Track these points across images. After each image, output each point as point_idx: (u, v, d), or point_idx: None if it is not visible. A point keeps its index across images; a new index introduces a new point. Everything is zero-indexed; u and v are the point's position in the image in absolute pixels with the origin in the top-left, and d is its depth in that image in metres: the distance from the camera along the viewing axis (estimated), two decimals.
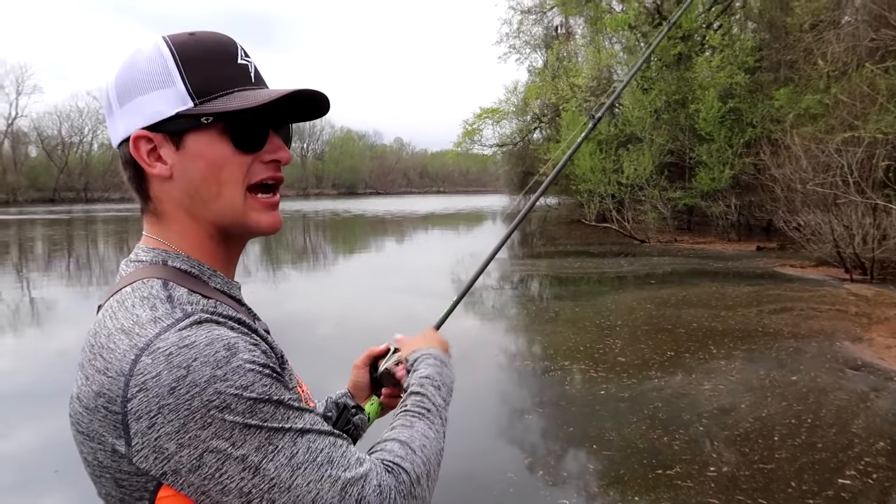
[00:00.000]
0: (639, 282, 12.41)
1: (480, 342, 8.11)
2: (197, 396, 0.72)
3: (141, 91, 0.86)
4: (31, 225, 33.74)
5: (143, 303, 0.81)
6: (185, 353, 0.74)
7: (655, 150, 21.98)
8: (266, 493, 0.75)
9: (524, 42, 36.08)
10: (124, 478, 0.77)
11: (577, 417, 5.37)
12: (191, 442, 0.73)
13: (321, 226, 33.61)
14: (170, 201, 0.89)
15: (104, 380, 0.76)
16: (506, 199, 46.52)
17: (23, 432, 5.30)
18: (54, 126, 78.00)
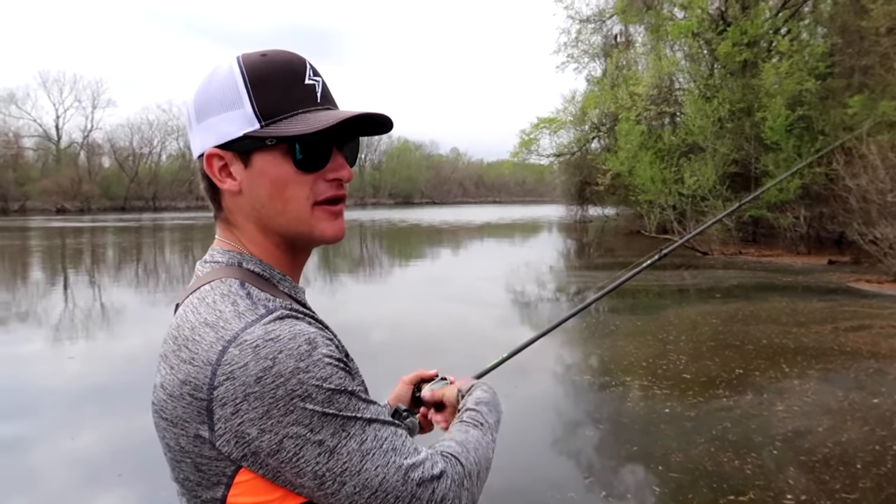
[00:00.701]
0: (703, 295, 11.99)
1: (537, 354, 7.93)
2: (281, 386, 0.78)
3: (214, 112, 0.91)
4: (102, 232, 35.18)
5: (224, 299, 0.86)
6: (271, 345, 0.79)
7: (719, 160, 21.30)
8: (338, 476, 0.81)
9: (582, 51, 35.68)
10: (204, 462, 0.82)
11: (640, 436, 5.15)
12: (273, 427, 0.78)
13: (378, 235, 33.92)
14: (240, 212, 0.95)
15: (190, 369, 0.81)
16: (562, 210, 46.03)
17: (88, 433, 5.42)
18: (126, 138, 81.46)
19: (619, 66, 31.35)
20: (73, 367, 7.55)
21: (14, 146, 73.50)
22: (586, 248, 24.46)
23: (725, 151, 21.61)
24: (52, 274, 17.51)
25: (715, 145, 21.83)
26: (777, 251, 19.75)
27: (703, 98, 23.31)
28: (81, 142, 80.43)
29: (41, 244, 27.56)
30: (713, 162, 21.19)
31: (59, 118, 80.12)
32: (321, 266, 18.37)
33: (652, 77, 26.72)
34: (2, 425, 5.70)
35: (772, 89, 20.79)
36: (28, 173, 72.38)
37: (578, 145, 37.37)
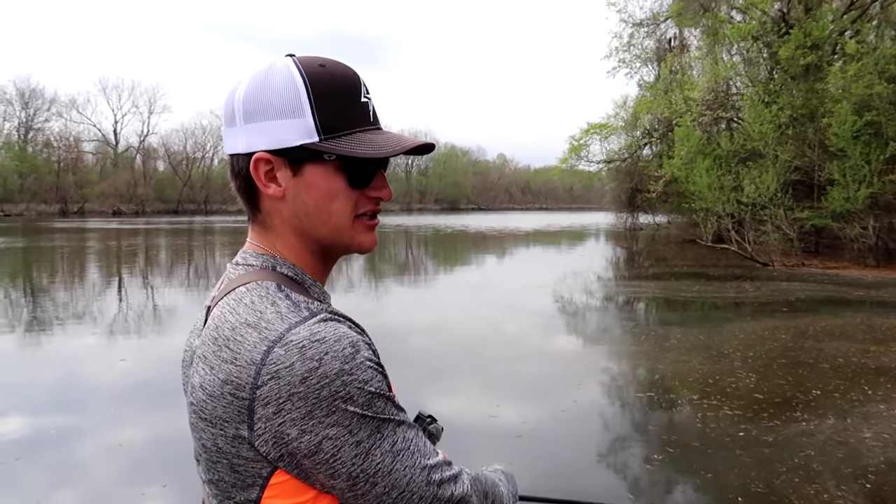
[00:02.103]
0: (767, 309, 11.37)
1: (595, 369, 7.56)
2: (326, 387, 0.79)
3: (270, 116, 0.90)
4: (156, 234, 35.97)
5: (263, 301, 0.86)
6: (317, 346, 0.80)
7: (780, 167, 20.42)
8: (371, 477, 0.82)
9: (634, 56, 35.03)
10: (241, 463, 0.83)
11: (715, 462, 4.75)
12: (314, 428, 0.79)
13: (423, 241, 33.78)
14: (279, 217, 0.94)
15: (232, 368, 0.82)
16: (612, 217, 45.18)
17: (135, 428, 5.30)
18: (180, 142, 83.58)
19: (673, 70, 30.61)
20: (124, 366, 7.50)
21: (75, 150, 76.17)
22: (636, 257, 23.81)
23: (787, 158, 20.73)
24: (108, 275, 17.84)
25: (776, 151, 20.97)
26: (843, 263, 18.82)
27: (762, 103, 22.46)
28: (138, 146, 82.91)
29: (99, 245, 28.28)
30: (774, 169, 20.32)
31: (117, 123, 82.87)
32: (367, 270, 18.37)
33: (708, 81, 25.94)
34: (54, 419, 5.75)
35: (837, 94, 19.88)
36: (87, 176, 74.89)
37: (629, 151, 36.62)
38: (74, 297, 13.35)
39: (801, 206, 20.40)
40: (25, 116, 75.20)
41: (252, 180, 0.93)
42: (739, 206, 20.67)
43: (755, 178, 20.60)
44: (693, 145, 23.48)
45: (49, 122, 76.81)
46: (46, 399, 6.43)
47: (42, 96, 75.95)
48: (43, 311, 11.55)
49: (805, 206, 20.53)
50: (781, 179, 20.27)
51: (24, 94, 74.23)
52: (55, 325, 10.19)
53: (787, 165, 20.67)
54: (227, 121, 0.94)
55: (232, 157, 0.95)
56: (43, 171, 70.45)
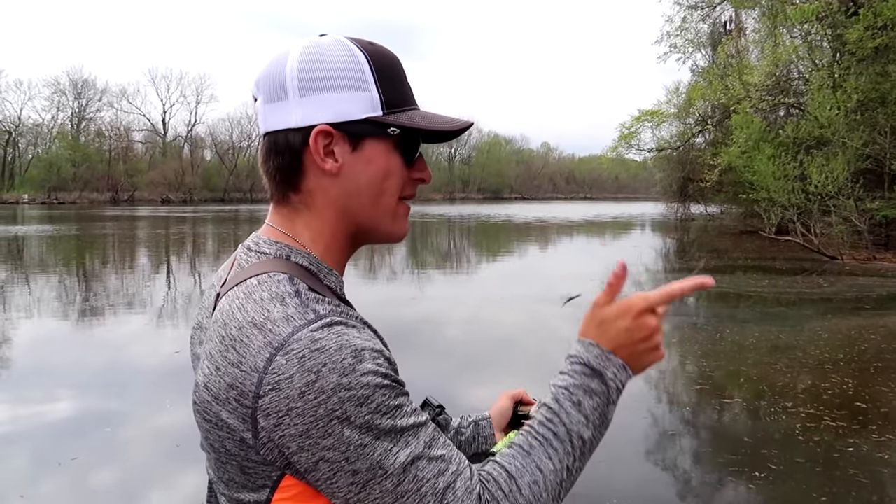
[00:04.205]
0: (849, 306, 10.58)
1: (669, 369, 7.00)
2: (322, 404, 0.74)
3: (332, 88, 0.87)
4: (203, 222, 36.34)
5: (272, 298, 0.81)
6: (316, 357, 0.75)
7: (850, 155, 19.25)
8: (379, 495, 0.76)
9: (687, 41, 33.78)
10: (250, 466, 0.80)
11: (828, 483, 4.18)
12: (310, 448, 0.75)
13: (466, 231, 33.32)
14: (324, 196, 0.90)
15: (237, 373, 0.78)
16: (661, 207, 43.95)
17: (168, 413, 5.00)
18: (226, 132, 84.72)
19: (730, 54, 29.40)
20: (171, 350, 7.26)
21: (125, 139, 77.95)
22: (692, 249, 22.91)
23: (857, 146, 19.55)
24: (157, 262, 17.88)
25: (844, 139, 19.80)
26: None
27: (828, 87, 21.24)
28: (185, 135, 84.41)
29: (150, 232, 28.63)
30: (844, 157, 19.17)
31: (165, 113, 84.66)
32: (409, 258, 18.23)
33: (768, 65, 24.74)
34: (101, 401, 5.84)
35: None
36: (137, 165, 76.59)
37: (682, 139, 35.42)
38: (125, 284, 13.31)
39: (871, 197, 19.26)
40: (78, 107, 77.32)
41: (299, 157, 0.89)
42: (806, 196, 19.59)
43: (822, 166, 19.50)
44: (753, 132, 22.38)
45: (101, 112, 78.90)
46: (96, 381, 6.51)
47: (94, 87, 78.01)
48: (95, 297, 11.50)
49: (875, 196, 19.38)
50: (852, 168, 19.12)
51: (76, 84, 76.26)
52: (106, 310, 10.09)
53: (857, 153, 19.51)
54: (273, 95, 0.89)
55: (273, 134, 0.89)
56: (95, 160, 72.30)
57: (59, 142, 75.01)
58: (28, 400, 5.87)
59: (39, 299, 11.14)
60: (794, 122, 22.14)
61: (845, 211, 18.91)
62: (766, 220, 20.69)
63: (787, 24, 25.55)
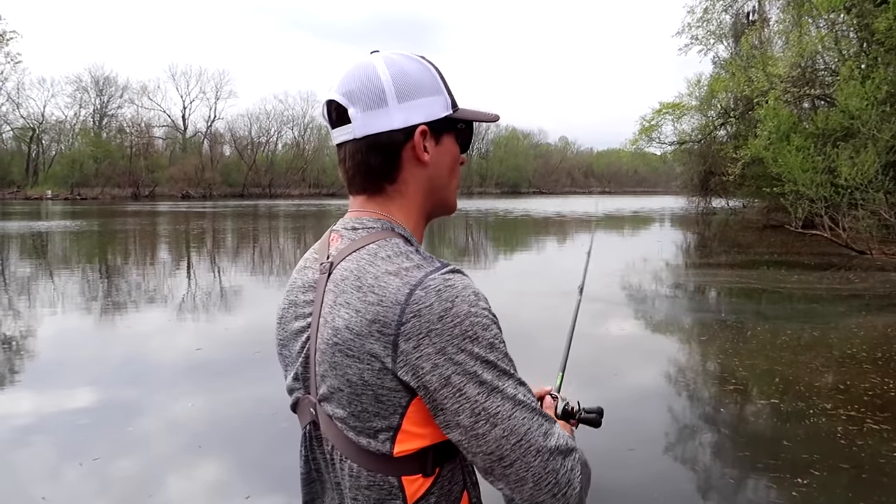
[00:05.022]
0: (883, 303, 10.27)
1: (700, 366, 6.81)
2: (458, 325, 0.90)
3: (424, 94, 1.05)
4: (222, 217, 36.49)
5: (398, 255, 0.98)
6: (450, 290, 0.92)
7: (882, 147, 18.75)
8: (491, 417, 0.90)
9: (709, 32, 33.23)
10: (384, 393, 0.93)
11: (876, 491, 3.98)
12: (444, 364, 0.89)
13: (483, 226, 33.12)
14: (416, 183, 1.08)
15: (379, 309, 0.92)
16: (681, 201, 43.40)
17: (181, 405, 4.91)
18: (245, 127, 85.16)
19: (754, 46, 28.83)
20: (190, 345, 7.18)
21: (146, 136, 78.55)
22: (717, 244, 22.53)
23: (887, 138, 19.03)
24: (177, 257, 17.92)
25: (873, 130, 19.28)
26: None
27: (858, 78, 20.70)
28: (205, 131, 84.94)
29: (170, 228, 28.77)
30: (875, 149, 18.68)
31: (185, 109, 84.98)
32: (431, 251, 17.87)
33: (794, 56, 24.20)
34: (123, 396, 5.84)
35: None
36: (157, 161, 77.17)
37: (703, 133, 34.88)
38: (146, 278, 13.32)
39: None
40: (100, 103, 78.11)
41: (399, 152, 1.05)
42: (834, 189, 19.12)
43: (852, 158, 19.01)
44: (782, 124, 21.90)
45: (122, 109, 79.60)
46: (115, 373, 6.53)
47: (115, 84, 78.71)
48: (117, 291, 11.51)
49: None
50: (882, 160, 18.64)
51: (98, 81, 77.01)
52: (128, 304, 10.08)
53: (888, 145, 19.01)
54: (373, 103, 1.03)
55: (374, 136, 1.03)
56: (116, 156, 72.93)
57: (81, 138, 75.83)
58: (50, 394, 5.82)
59: (63, 294, 11.17)
60: (824, 113, 21.60)
61: (874, 204, 18.45)
62: (792, 213, 20.24)
63: (813, 13, 24.99)
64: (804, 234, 20.42)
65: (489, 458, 0.92)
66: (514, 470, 0.92)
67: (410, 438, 0.94)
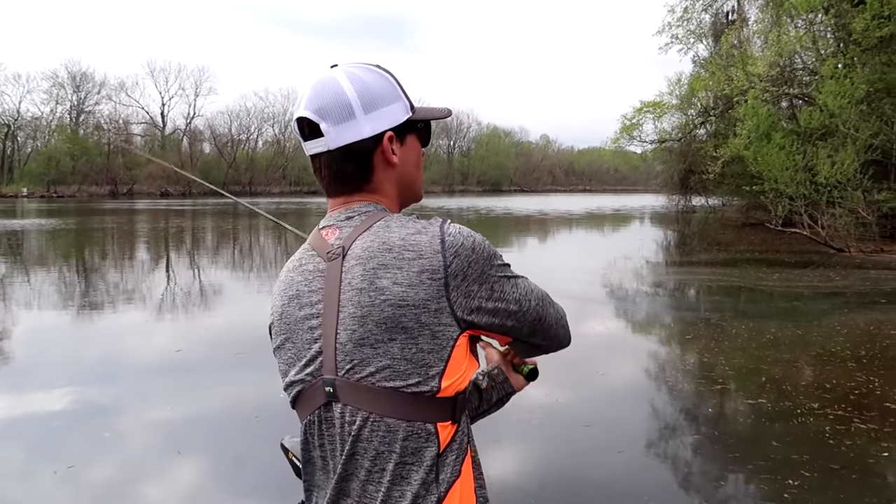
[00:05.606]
0: (864, 300, 10.36)
1: (684, 368, 6.79)
2: (484, 251, 1.12)
3: (386, 103, 1.18)
4: (202, 215, 36.06)
5: (407, 222, 1.14)
6: (464, 230, 1.13)
7: (860, 146, 18.96)
8: (526, 295, 1.17)
9: (689, 31, 33.43)
10: (441, 329, 1.08)
11: (868, 492, 3.96)
12: (486, 280, 1.12)
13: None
14: (389, 182, 1.22)
15: (422, 262, 1.08)
16: (661, 200, 43.68)
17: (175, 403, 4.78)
18: (225, 125, 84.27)
19: (733, 45, 29.06)
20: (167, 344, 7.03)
21: (124, 132, 77.47)
22: (699, 242, 22.69)
23: (865, 136, 19.24)
24: (156, 256, 17.64)
25: (850, 129, 19.48)
26: None
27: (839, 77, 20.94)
28: (184, 128, 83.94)
29: (148, 226, 28.36)
30: (853, 147, 18.88)
31: (164, 106, 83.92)
32: None
33: (773, 55, 24.42)
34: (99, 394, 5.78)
35: None
36: (136, 158, 76.03)
37: (684, 131, 35.10)
38: (124, 278, 13.08)
39: (877, 188, 19.02)
40: (77, 100, 76.81)
41: (370, 157, 1.18)
42: (814, 187, 19.30)
43: (831, 157, 19.20)
44: (761, 122, 22.07)
45: (99, 105, 78.33)
46: (91, 375, 6.38)
47: (92, 80, 77.46)
48: (94, 291, 11.27)
49: (882, 187, 19.13)
50: (861, 159, 18.85)
51: (75, 77, 75.73)
52: (106, 304, 9.86)
53: (866, 144, 19.23)
54: (343, 117, 1.15)
55: (346, 147, 1.16)
56: (94, 153, 71.77)
57: (57, 135, 74.53)
58: (24, 396, 5.64)
59: (39, 294, 10.91)
60: (806, 112, 21.78)
61: (852, 202, 18.65)
62: (772, 211, 20.40)
63: (791, 13, 25.23)
64: (784, 232, 20.60)
65: (534, 322, 1.19)
66: (548, 320, 1.22)
67: (451, 377, 1.09)
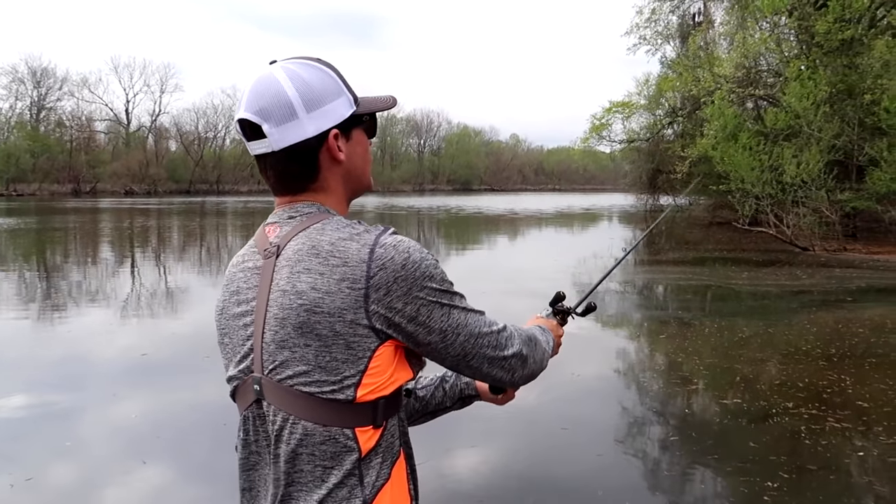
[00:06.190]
0: (830, 298, 10.52)
1: (667, 370, 6.78)
2: (417, 269, 1.07)
3: (329, 100, 1.15)
4: (168, 215, 35.37)
5: (345, 226, 1.11)
6: (403, 244, 1.09)
7: (824, 146, 19.34)
8: (454, 329, 1.12)
9: (656, 32, 33.80)
10: (356, 340, 1.06)
11: (846, 493, 3.97)
12: (413, 300, 1.07)
13: (435, 223, 32.96)
14: (334, 178, 1.20)
15: (345, 269, 1.06)
16: (631, 199, 44.07)
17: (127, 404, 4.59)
18: (192, 122, 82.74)
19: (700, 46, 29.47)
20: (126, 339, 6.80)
21: (87, 130, 75.63)
22: (668, 240, 22.92)
23: (828, 137, 19.63)
24: (121, 255, 17.19)
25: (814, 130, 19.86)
26: (888, 248, 17.85)
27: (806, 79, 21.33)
28: (150, 126, 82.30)
29: (112, 225, 27.69)
30: (817, 147, 19.25)
31: (129, 102, 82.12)
32: None
33: (739, 57, 24.82)
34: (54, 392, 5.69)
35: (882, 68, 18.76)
36: (99, 156, 74.39)
37: (652, 131, 35.50)
38: (87, 278, 12.70)
39: (840, 188, 19.43)
40: (37, 96, 74.65)
41: (316, 156, 1.16)
42: (780, 186, 19.62)
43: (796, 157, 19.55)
44: (728, 123, 22.40)
45: (61, 102, 76.26)
46: (52, 380, 6.19)
47: (54, 75, 75.30)
48: (56, 292, 10.91)
49: (844, 187, 19.56)
50: (825, 159, 19.22)
51: (35, 73, 73.60)
52: (67, 305, 9.53)
53: (829, 145, 19.62)
54: (284, 118, 1.12)
55: (290, 147, 1.13)
56: (55, 150, 69.92)
57: (17, 132, 72.35)
58: None
59: None
60: (772, 112, 22.16)
61: (816, 202, 19.01)
62: (740, 210, 20.69)
63: (756, 15, 25.64)
64: (750, 231, 20.92)
65: (456, 358, 1.14)
66: (476, 359, 1.16)
67: (369, 385, 1.07)
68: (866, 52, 20.32)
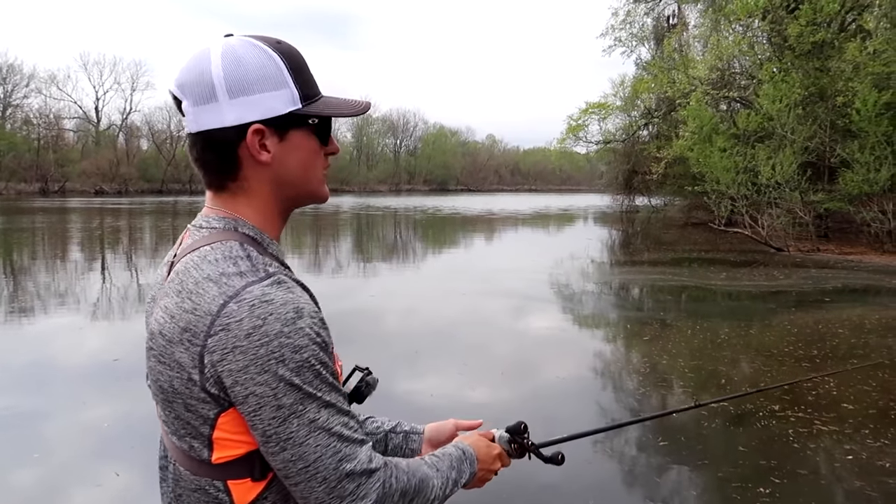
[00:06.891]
0: (808, 299, 10.59)
1: (654, 373, 6.73)
2: (264, 346, 0.87)
3: (258, 89, 0.98)
4: (139, 215, 34.71)
5: (226, 259, 0.94)
6: (265, 307, 0.88)
7: (797, 148, 19.59)
8: (282, 441, 0.89)
9: (631, 34, 34.07)
10: (193, 404, 0.92)
11: (837, 496, 3.93)
12: (245, 382, 0.87)
13: (411, 224, 32.82)
14: (258, 181, 1.03)
15: (192, 318, 0.90)
16: (607, 200, 44.35)
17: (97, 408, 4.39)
18: (164, 120, 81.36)
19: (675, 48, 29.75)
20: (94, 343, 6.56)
21: (55, 127, 74.05)
22: (644, 241, 23.03)
23: (801, 139, 19.89)
24: (90, 255, 16.76)
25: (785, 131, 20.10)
26: (860, 248, 18.12)
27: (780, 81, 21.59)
28: (120, 124, 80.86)
29: (80, 225, 27.08)
30: (791, 149, 19.49)
31: (98, 100, 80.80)
32: (353, 252, 18.24)
33: (713, 59, 25.08)
34: (22, 399, 5.54)
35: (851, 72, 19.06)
36: (68, 155, 72.87)
37: (627, 132, 35.76)
38: (56, 280, 12.33)
39: (813, 189, 19.71)
40: (3, 92, 72.74)
41: (235, 150, 1.00)
42: (756, 188, 19.83)
43: (771, 158, 19.77)
44: (704, 124, 22.59)
45: (28, 99, 74.43)
46: (16, 383, 6.04)
47: (20, 72, 73.42)
48: (23, 294, 10.55)
49: (817, 188, 19.84)
50: (798, 161, 19.47)
51: (1, 69, 71.81)
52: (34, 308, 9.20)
53: (803, 146, 19.88)
54: (203, 98, 0.98)
55: (207, 132, 0.99)
56: (22, 148, 68.29)
57: None
58: None
59: None
60: (744, 114, 22.40)
61: (790, 203, 19.25)
62: (716, 211, 20.87)
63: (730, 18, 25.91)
64: (726, 232, 21.12)
65: (279, 472, 0.92)
66: (299, 489, 0.92)
67: (230, 445, 0.93)
68: (837, 55, 20.60)
